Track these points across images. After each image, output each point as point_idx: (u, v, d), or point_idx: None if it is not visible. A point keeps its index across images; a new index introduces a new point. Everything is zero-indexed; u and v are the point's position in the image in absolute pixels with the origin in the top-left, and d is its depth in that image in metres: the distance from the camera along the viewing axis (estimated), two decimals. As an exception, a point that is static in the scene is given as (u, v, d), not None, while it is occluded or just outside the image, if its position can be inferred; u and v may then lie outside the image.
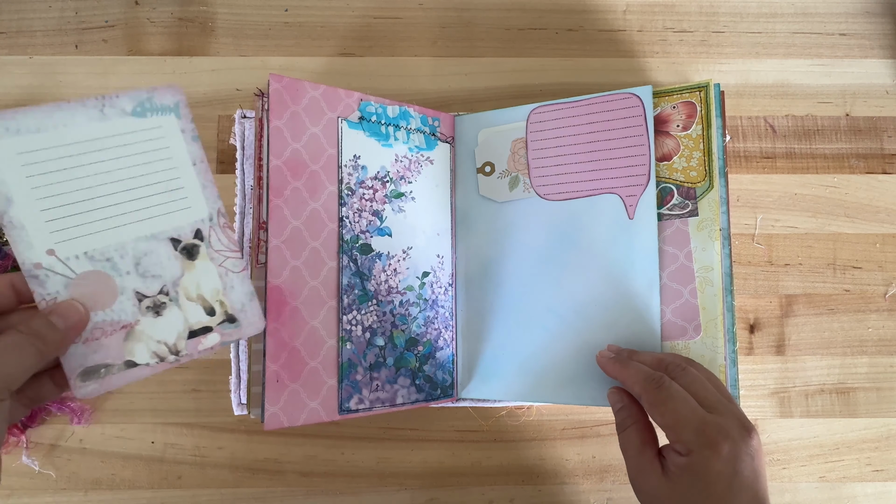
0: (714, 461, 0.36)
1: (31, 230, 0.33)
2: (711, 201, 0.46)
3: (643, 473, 0.39)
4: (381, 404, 0.47)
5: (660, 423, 0.39)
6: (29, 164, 0.33)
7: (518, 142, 0.51)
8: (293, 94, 0.46)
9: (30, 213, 0.33)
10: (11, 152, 0.32)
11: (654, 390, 0.39)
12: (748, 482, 0.36)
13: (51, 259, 0.34)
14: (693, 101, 0.48)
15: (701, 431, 0.37)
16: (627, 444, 0.41)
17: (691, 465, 0.37)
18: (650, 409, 0.40)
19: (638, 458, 0.40)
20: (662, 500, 0.38)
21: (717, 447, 0.36)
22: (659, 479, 0.38)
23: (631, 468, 0.40)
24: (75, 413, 0.50)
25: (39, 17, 0.56)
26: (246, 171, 0.53)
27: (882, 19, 0.57)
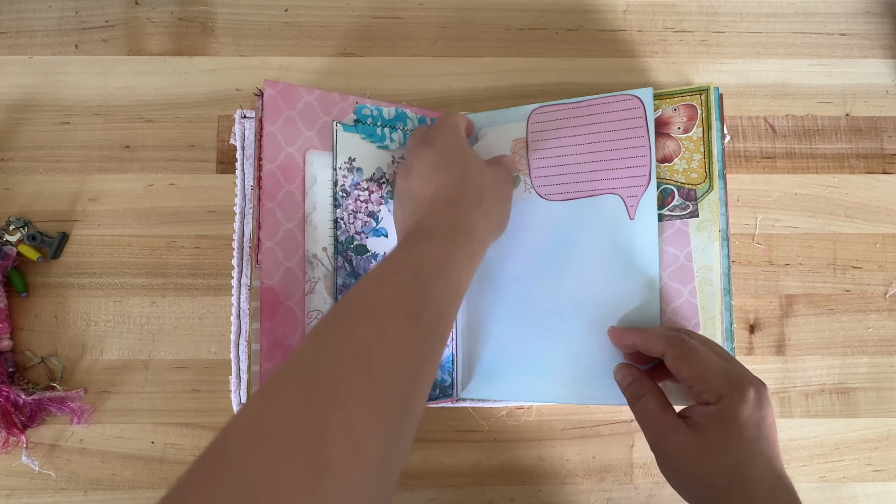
0: (743, 405, 0.37)
1: (320, 230, 0.47)
2: (711, 203, 0.47)
3: (669, 434, 0.39)
4: (381, 404, 0.47)
5: (686, 374, 0.39)
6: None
7: (518, 142, 0.51)
8: (288, 100, 0.46)
9: (324, 220, 0.47)
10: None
11: (678, 345, 0.40)
12: (773, 428, 0.38)
13: (322, 253, 0.47)
14: (694, 103, 0.48)
15: (728, 378, 0.38)
16: (646, 410, 0.41)
17: (721, 412, 0.38)
18: (676, 361, 0.40)
19: (661, 420, 0.40)
20: (692, 457, 0.38)
21: (745, 391, 0.38)
22: (687, 435, 0.38)
23: (654, 433, 0.40)
24: (75, 413, 0.51)
25: (39, 17, 0.56)
26: (246, 171, 0.53)
27: (882, 19, 0.57)
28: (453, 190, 0.42)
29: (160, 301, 0.53)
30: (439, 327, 0.36)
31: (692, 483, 0.38)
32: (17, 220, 0.53)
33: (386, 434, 0.30)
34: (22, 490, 0.51)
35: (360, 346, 0.31)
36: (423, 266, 0.36)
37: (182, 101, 0.55)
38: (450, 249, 0.38)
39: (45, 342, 0.52)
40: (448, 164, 0.43)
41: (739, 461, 0.37)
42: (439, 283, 0.36)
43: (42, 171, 0.54)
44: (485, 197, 0.43)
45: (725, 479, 0.36)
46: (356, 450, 0.28)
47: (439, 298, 0.36)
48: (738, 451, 0.37)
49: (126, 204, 0.54)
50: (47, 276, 0.53)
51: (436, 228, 0.40)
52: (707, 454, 0.37)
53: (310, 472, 0.27)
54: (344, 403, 0.29)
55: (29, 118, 0.55)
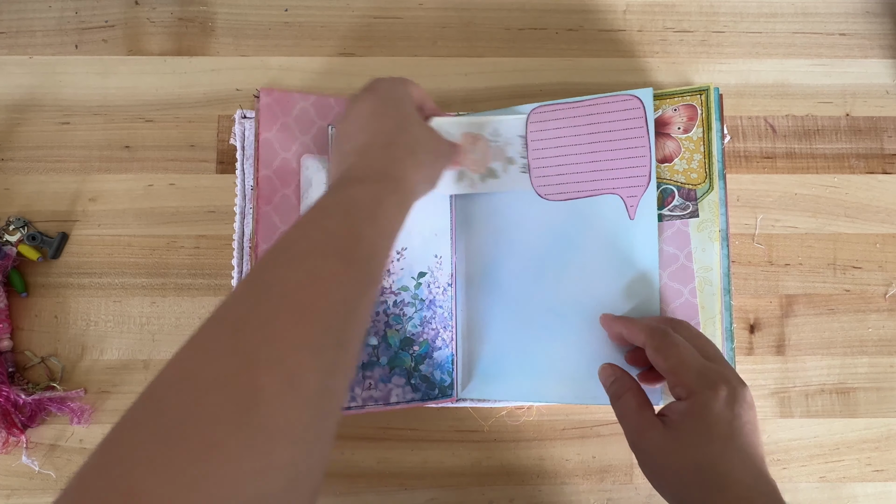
0: (714, 402, 0.37)
1: None
2: (711, 203, 0.47)
3: (644, 431, 0.39)
4: (375, 402, 0.47)
5: (663, 366, 0.40)
6: None
7: (466, 137, 0.50)
8: (283, 107, 0.46)
9: None
10: None
11: (659, 337, 0.41)
12: (747, 428, 0.37)
13: None
14: (694, 104, 0.48)
15: (702, 374, 0.38)
16: (625, 408, 0.41)
17: (692, 407, 0.38)
18: (654, 353, 0.40)
19: (638, 418, 0.40)
20: (666, 454, 0.38)
21: (717, 388, 0.37)
22: (661, 432, 0.38)
23: (631, 430, 0.40)
24: (75, 413, 0.50)
25: (39, 17, 0.56)
26: (246, 171, 0.53)
27: (882, 19, 0.57)
28: (387, 137, 0.42)
29: (160, 301, 0.53)
30: (371, 268, 0.35)
31: (668, 481, 0.38)
32: (17, 220, 0.53)
33: (320, 369, 0.29)
34: (22, 490, 0.51)
35: (291, 287, 0.31)
36: (352, 209, 0.36)
37: (182, 101, 0.55)
38: (380, 193, 0.38)
39: (45, 342, 0.52)
40: (386, 111, 0.43)
41: (712, 459, 0.36)
42: (370, 226, 0.36)
43: (42, 171, 0.54)
44: (419, 148, 0.43)
45: (699, 477, 0.36)
46: (289, 382, 0.27)
47: (370, 240, 0.35)
48: (709, 448, 0.37)
49: (126, 204, 0.54)
50: (47, 276, 0.53)
51: (367, 172, 0.39)
52: (680, 451, 0.37)
53: (240, 405, 0.26)
54: (274, 339, 0.28)
55: (29, 118, 0.55)
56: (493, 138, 0.51)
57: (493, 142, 0.51)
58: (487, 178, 0.51)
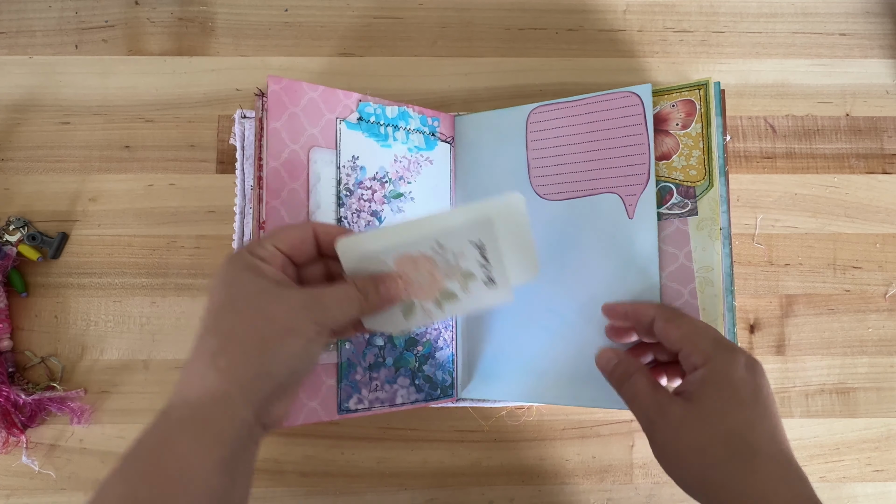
0: (734, 366, 0.36)
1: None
2: (711, 200, 0.46)
3: (663, 409, 0.36)
4: (381, 404, 0.47)
5: (676, 335, 0.38)
6: None
7: (403, 261, 0.39)
8: (292, 96, 0.46)
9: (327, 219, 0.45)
10: None
11: (669, 310, 0.40)
12: (772, 399, 0.36)
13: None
14: (692, 99, 0.47)
15: (717, 340, 0.37)
16: (636, 389, 0.38)
17: (713, 373, 0.36)
18: (665, 324, 0.39)
19: (653, 396, 0.37)
20: (689, 427, 0.35)
21: (735, 352, 0.36)
22: (682, 406, 0.36)
23: (646, 411, 0.37)
24: (75, 413, 0.50)
25: (39, 17, 0.56)
26: (246, 171, 0.53)
27: (882, 19, 0.57)
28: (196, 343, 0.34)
29: (160, 301, 0.53)
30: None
31: (692, 460, 0.35)
32: (17, 220, 0.53)
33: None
34: (22, 490, 0.51)
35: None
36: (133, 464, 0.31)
37: (182, 101, 0.55)
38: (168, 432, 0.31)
39: (45, 342, 0.52)
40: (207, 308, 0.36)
41: (740, 427, 0.34)
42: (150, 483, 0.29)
43: (42, 171, 0.54)
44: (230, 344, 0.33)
45: (726, 449, 0.34)
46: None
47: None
48: (737, 415, 0.34)
49: (126, 204, 0.54)
50: (47, 276, 0.53)
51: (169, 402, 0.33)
52: (705, 422, 0.35)
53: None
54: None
55: (29, 118, 0.55)
56: (438, 254, 0.40)
57: (438, 258, 0.40)
58: (445, 302, 0.41)
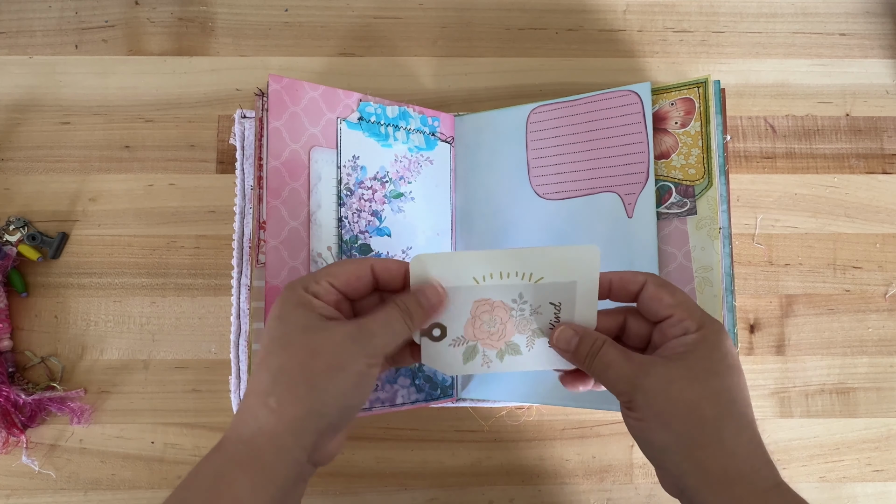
0: (724, 336, 0.36)
1: (324, 229, 0.46)
2: (710, 199, 0.46)
3: (646, 369, 0.35)
4: (381, 404, 0.47)
5: (669, 302, 0.37)
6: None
7: (481, 304, 0.38)
8: (292, 95, 0.46)
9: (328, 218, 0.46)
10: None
11: (660, 278, 0.38)
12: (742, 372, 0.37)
13: (327, 252, 0.46)
14: (691, 97, 0.47)
15: (705, 312, 0.37)
16: (609, 359, 0.36)
17: (706, 338, 0.35)
18: (657, 289, 0.37)
19: (631, 361, 0.36)
20: (679, 385, 0.34)
21: (722, 326, 0.36)
22: (668, 366, 0.35)
23: (627, 377, 0.35)
24: (75, 413, 0.50)
25: (39, 17, 0.56)
26: (246, 171, 0.53)
27: (882, 19, 0.57)
28: (252, 379, 0.35)
29: (160, 301, 0.53)
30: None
31: (677, 419, 0.34)
32: (17, 220, 0.53)
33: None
34: (22, 490, 0.51)
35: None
36: (188, 498, 0.32)
37: (182, 101, 0.55)
38: (223, 468, 0.32)
39: (45, 342, 0.52)
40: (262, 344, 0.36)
41: (728, 389, 0.34)
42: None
43: (42, 171, 0.54)
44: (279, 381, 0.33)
45: (716, 407, 0.34)
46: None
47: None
48: (727, 378, 0.35)
49: (126, 204, 0.54)
50: (47, 276, 0.53)
51: (225, 437, 0.34)
52: (695, 380, 0.34)
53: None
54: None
55: (29, 118, 0.55)
56: (518, 305, 0.39)
57: (516, 310, 0.39)
58: (507, 354, 0.40)
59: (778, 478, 0.34)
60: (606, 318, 0.40)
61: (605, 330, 0.39)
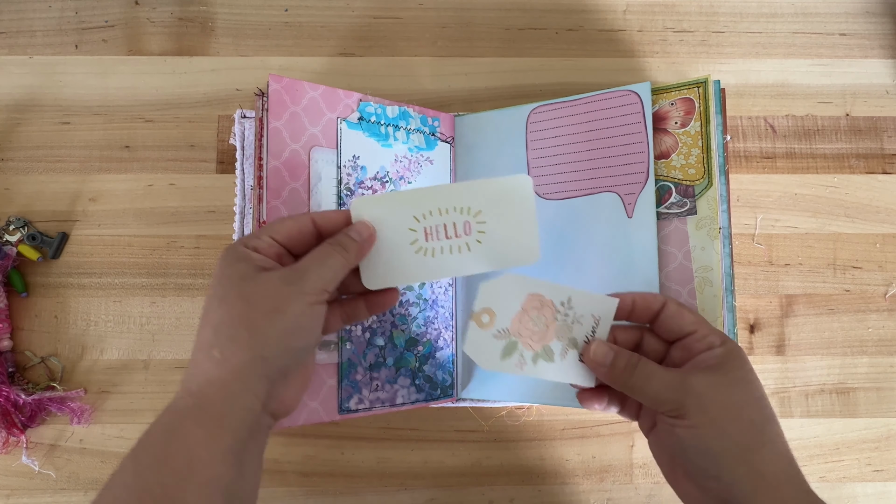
0: (743, 352, 0.38)
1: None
2: (710, 199, 0.46)
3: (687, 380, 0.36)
4: (381, 404, 0.47)
5: (690, 319, 0.39)
6: None
7: (532, 299, 0.39)
8: (292, 95, 0.46)
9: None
10: None
11: (677, 299, 0.41)
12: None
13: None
14: (691, 97, 0.47)
15: (722, 332, 0.39)
16: (649, 371, 0.38)
17: (731, 351, 0.38)
18: (678, 308, 0.39)
19: (671, 374, 0.37)
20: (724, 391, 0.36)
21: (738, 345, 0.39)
22: (706, 375, 0.36)
23: (669, 384, 0.37)
24: (75, 413, 0.50)
25: (39, 17, 0.56)
26: (246, 171, 0.53)
27: (882, 19, 0.57)
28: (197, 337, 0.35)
29: (160, 301, 0.53)
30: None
31: (735, 422, 0.35)
32: (17, 220, 0.53)
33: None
34: (22, 490, 0.51)
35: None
36: (142, 455, 0.32)
37: (182, 101, 0.55)
38: (174, 422, 0.32)
39: (45, 342, 0.52)
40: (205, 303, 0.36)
41: (763, 395, 0.37)
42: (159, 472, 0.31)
43: (42, 171, 0.54)
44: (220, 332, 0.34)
45: (761, 412, 0.36)
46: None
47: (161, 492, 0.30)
48: (759, 386, 0.37)
49: (126, 204, 0.54)
50: (47, 276, 0.53)
51: (176, 395, 0.34)
52: (737, 387, 0.36)
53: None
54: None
55: (29, 118, 0.55)
56: (564, 309, 0.40)
57: (560, 314, 0.40)
58: (541, 358, 0.40)
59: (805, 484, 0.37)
60: (623, 333, 0.41)
61: (623, 345, 0.41)
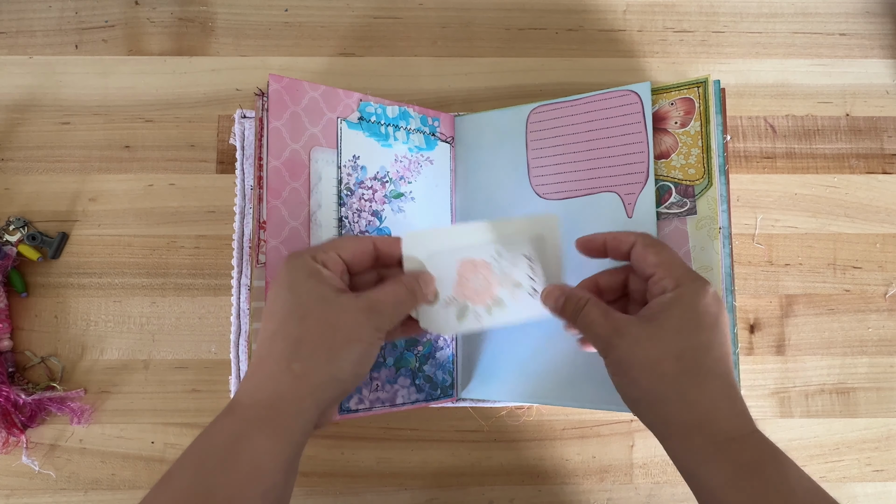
0: (704, 294, 0.37)
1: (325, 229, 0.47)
2: (710, 199, 0.46)
3: (619, 329, 0.37)
4: (381, 404, 0.47)
5: (653, 261, 0.38)
6: None
7: (465, 265, 0.43)
8: (293, 95, 0.46)
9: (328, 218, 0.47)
10: None
11: (649, 236, 0.40)
12: (728, 327, 0.38)
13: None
14: (691, 97, 0.47)
15: (691, 271, 0.39)
16: (592, 317, 0.38)
17: (681, 297, 0.37)
18: (644, 249, 0.39)
19: (608, 320, 0.38)
20: (643, 345, 0.36)
21: (705, 284, 0.37)
22: (639, 325, 0.37)
23: (603, 333, 0.37)
24: (75, 413, 0.50)
25: (39, 17, 0.56)
26: (246, 170, 0.53)
27: (882, 19, 0.57)
28: (265, 346, 0.36)
29: (160, 301, 0.53)
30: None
31: (643, 375, 0.36)
32: (17, 220, 0.53)
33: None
34: (22, 490, 0.51)
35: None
36: (206, 457, 0.33)
37: (182, 101, 0.55)
38: (242, 429, 0.33)
39: (45, 342, 0.52)
40: (274, 306, 0.37)
41: (695, 346, 0.36)
42: (223, 476, 0.32)
43: (42, 171, 0.54)
44: (301, 349, 0.35)
45: (678, 365, 0.35)
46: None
47: (225, 493, 0.31)
48: (695, 337, 0.36)
49: (126, 204, 0.54)
50: (47, 276, 0.53)
51: (238, 399, 0.35)
52: (659, 339, 0.36)
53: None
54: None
55: (29, 118, 0.55)
56: (496, 261, 0.44)
57: (496, 265, 0.44)
58: (493, 308, 0.43)
59: (746, 428, 0.35)
60: (609, 275, 0.43)
61: (607, 287, 0.43)
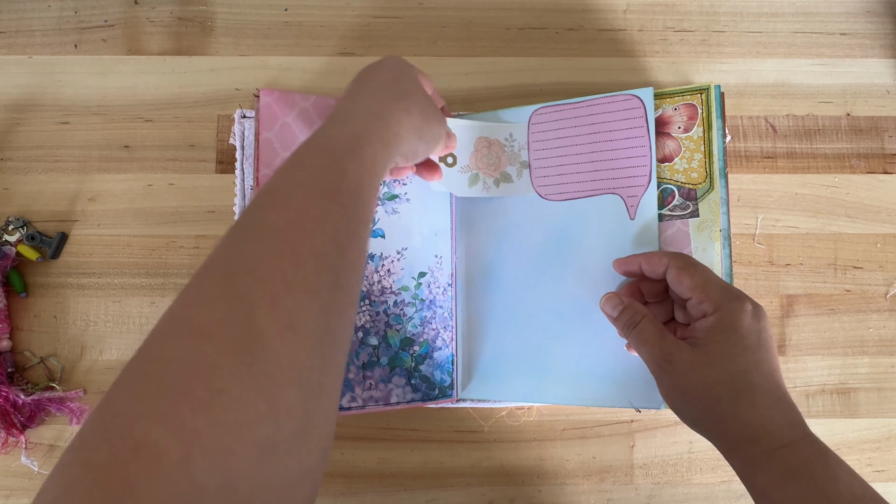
0: (742, 314, 0.38)
1: None
2: (712, 202, 0.46)
3: (672, 353, 0.39)
4: (375, 403, 0.47)
5: (688, 283, 0.40)
6: None
7: (481, 141, 0.51)
8: (283, 106, 0.46)
9: None
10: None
11: (682, 257, 0.42)
12: (773, 341, 0.39)
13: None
14: (694, 102, 0.48)
15: (727, 289, 0.40)
16: (644, 335, 0.41)
17: (722, 321, 0.38)
18: (678, 272, 0.41)
19: (661, 342, 0.40)
20: (697, 371, 0.38)
21: (743, 302, 0.39)
22: (690, 352, 0.39)
23: (655, 355, 0.40)
24: (75, 413, 0.50)
25: (39, 16, 0.56)
26: (245, 170, 0.53)
27: (883, 19, 0.57)
28: (380, 85, 0.41)
29: (160, 301, 0.53)
30: (358, 205, 0.34)
31: (698, 399, 0.38)
32: (16, 220, 0.52)
33: (318, 310, 0.29)
34: (22, 490, 0.51)
35: (280, 227, 0.30)
36: (335, 148, 0.36)
37: (182, 101, 0.55)
38: (361, 131, 0.37)
39: (44, 342, 0.52)
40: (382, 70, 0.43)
41: (744, 369, 0.38)
42: (353, 163, 0.35)
43: (42, 171, 0.54)
44: (409, 97, 0.41)
45: (731, 389, 0.37)
46: (288, 324, 0.27)
47: (355, 176, 0.35)
48: (742, 359, 0.38)
49: (126, 204, 0.54)
50: (47, 276, 0.53)
51: (350, 113, 0.39)
52: (711, 366, 0.38)
53: (240, 350, 0.25)
54: (267, 281, 0.28)
55: (28, 118, 0.55)
56: (508, 143, 0.51)
57: (507, 146, 0.51)
58: (502, 182, 0.51)
59: (797, 434, 0.38)
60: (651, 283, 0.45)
61: (649, 292, 0.44)
